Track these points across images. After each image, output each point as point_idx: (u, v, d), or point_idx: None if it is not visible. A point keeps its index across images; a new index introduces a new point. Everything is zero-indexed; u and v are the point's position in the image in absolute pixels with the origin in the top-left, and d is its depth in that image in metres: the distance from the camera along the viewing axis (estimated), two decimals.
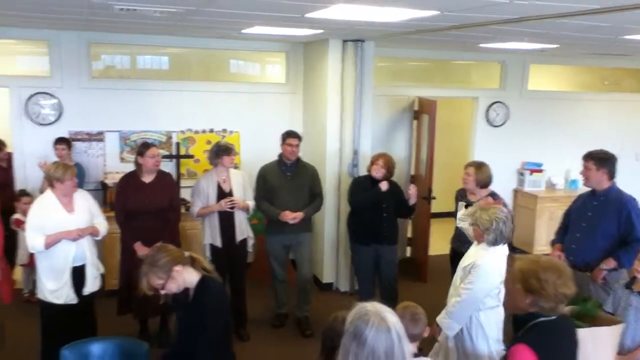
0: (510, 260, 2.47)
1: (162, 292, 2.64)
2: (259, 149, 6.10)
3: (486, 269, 3.23)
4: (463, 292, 3.28)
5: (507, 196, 4.86)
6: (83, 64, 5.67)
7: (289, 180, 4.85)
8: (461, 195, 4.63)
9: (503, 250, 3.32)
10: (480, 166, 4.43)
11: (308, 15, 3.62)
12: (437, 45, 6.02)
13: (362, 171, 5.71)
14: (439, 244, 6.26)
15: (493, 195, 4.46)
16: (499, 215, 3.26)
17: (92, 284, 4.05)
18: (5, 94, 5.60)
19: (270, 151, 5.28)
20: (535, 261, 2.30)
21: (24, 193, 5.32)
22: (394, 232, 4.94)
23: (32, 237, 3.81)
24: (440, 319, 3.41)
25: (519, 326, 2.30)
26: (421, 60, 7.04)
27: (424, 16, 3.57)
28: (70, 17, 4.25)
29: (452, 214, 4.73)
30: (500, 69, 7.22)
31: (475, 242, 3.45)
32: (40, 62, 5.81)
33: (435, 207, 6.34)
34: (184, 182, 5.98)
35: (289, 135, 4.84)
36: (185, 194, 5.82)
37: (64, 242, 3.86)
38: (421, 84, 6.90)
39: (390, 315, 1.79)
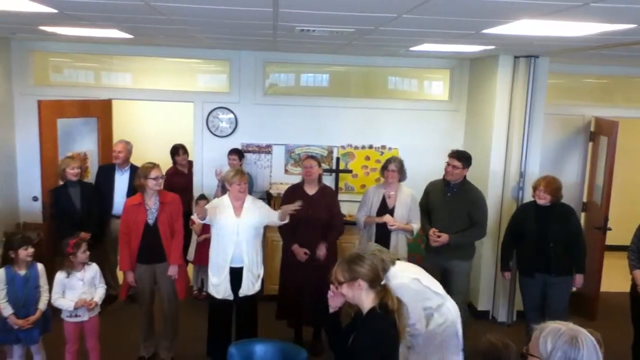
0: None
1: (338, 292, 2.58)
2: (417, 166, 5.99)
3: None
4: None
5: None
6: (258, 81, 6.12)
7: (447, 200, 4.71)
8: None
9: None
10: None
11: (484, 31, 3.49)
12: (621, 60, 5.43)
13: (528, 195, 5.36)
14: (613, 280, 5.68)
15: None
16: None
17: (247, 287, 4.33)
18: (190, 108, 6.24)
19: (429, 168, 5.20)
20: None
21: (202, 197, 5.82)
22: (562, 262, 4.47)
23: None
24: None
25: None
26: (600, 77, 6.42)
27: (617, 29, 3.24)
28: (254, 38, 4.59)
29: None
30: None
31: None
32: (218, 79, 6.40)
33: (611, 239, 5.77)
34: (341, 196, 6.09)
35: (450, 154, 4.74)
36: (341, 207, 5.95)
37: (224, 241, 4.25)
38: (599, 103, 6.31)
39: (584, 330, 1.79)
